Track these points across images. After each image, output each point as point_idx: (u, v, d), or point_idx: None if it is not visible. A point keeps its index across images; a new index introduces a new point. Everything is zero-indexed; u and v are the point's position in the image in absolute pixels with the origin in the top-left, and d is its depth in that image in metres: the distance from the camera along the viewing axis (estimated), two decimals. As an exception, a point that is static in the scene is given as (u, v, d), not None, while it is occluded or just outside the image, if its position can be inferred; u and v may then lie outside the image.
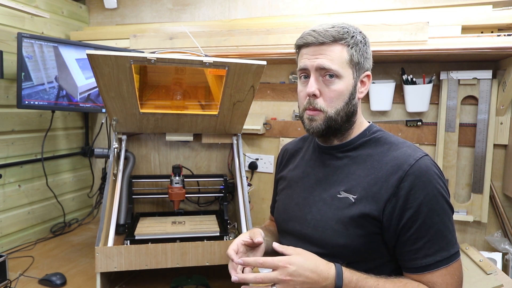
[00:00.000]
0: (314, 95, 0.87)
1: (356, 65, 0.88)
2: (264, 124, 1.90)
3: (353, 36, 0.88)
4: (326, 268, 0.80)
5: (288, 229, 0.99)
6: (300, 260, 0.79)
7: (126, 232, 1.46)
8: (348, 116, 0.90)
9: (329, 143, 0.95)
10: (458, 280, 0.82)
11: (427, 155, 0.85)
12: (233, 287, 1.35)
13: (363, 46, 0.90)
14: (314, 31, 0.87)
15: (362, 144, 0.92)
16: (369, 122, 0.97)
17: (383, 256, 0.86)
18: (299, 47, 0.92)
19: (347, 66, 0.87)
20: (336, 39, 0.86)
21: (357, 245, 0.84)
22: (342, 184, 0.89)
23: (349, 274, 0.80)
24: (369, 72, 0.92)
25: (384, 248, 0.85)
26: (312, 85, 0.87)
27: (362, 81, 0.91)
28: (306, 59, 0.88)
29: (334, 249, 0.87)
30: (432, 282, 0.81)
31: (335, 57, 0.86)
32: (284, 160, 1.13)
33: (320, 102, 0.88)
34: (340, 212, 0.86)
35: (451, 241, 0.82)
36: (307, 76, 0.89)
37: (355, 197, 0.86)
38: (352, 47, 0.87)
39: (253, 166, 1.96)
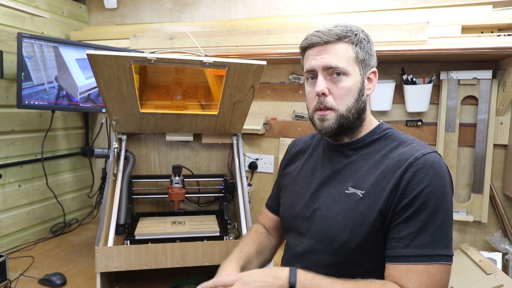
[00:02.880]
0: (323, 94, 0.88)
1: (362, 62, 0.90)
2: (264, 124, 1.90)
3: (356, 34, 0.89)
4: (279, 269, 0.83)
5: (294, 226, 0.99)
6: (252, 271, 0.85)
7: (126, 232, 1.46)
8: (358, 113, 0.91)
9: (339, 141, 0.96)
10: (437, 285, 0.77)
11: (436, 152, 0.85)
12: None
13: (367, 43, 0.91)
14: (318, 31, 0.89)
15: (372, 142, 0.92)
16: (379, 121, 0.97)
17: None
18: (304, 49, 0.93)
19: (354, 63, 0.89)
20: (340, 37, 0.88)
21: (362, 241, 0.84)
22: (350, 180, 0.90)
23: (303, 272, 0.81)
24: (375, 69, 0.94)
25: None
26: (320, 84, 0.88)
27: (368, 78, 0.93)
28: (312, 60, 0.90)
29: (339, 246, 0.87)
30: (406, 277, 0.77)
31: (341, 54, 0.87)
32: (291, 154, 1.13)
33: (330, 100, 0.89)
34: (348, 207, 0.87)
35: (440, 241, 0.78)
36: (315, 77, 0.91)
37: (363, 192, 0.86)
38: (357, 44, 0.89)
39: (253, 166, 1.96)
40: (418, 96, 1.65)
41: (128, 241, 1.31)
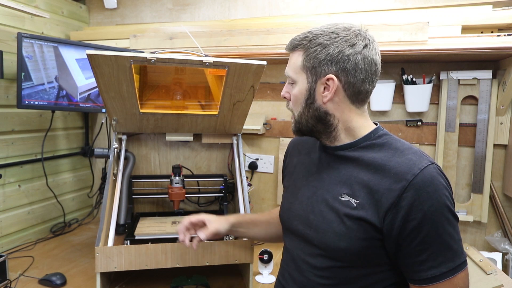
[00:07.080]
0: (285, 97, 0.96)
1: (310, 70, 0.88)
2: (264, 124, 1.90)
3: (311, 40, 0.87)
4: None
5: (291, 228, 0.99)
6: None
7: (126, 232, 1.46)
8: (316, 120, 0.90)
9: (330, 143, 0.95)
10: None
11: (433, 163, 0.83)
12: (233, 287, 1.35)
13: (323, 48, 0.85)
14: (293, 38, 0.94)
15: (365, 146, 0.91)
16: (376, 124, 0.96)
17: (384, 261, 0.86)
18: None
19: (300, 71, 0.90)
20: (294, 47, 0.91)
21: (358, 249, 0.84)
22: (345, 186, 0.89)
23: None
24: (331, 75, 0.86)
25: (385, 253, 0.85)
26: (283, 89, 0.96)
27: (326, 84, 0.87)
28: None
29: (335, 252, 0.86)
30: None
31: (292, 63, 0.92)
32: (290, 154, 1.13)
33: (290, 104, 0.96)
34: (342, 215, 0.86)
35: (457, 251, 0.80)
36: None
37: (357, 202, 0.85)
38: (306, 51, 0.89)
39: (253, 166, 1.96)
40: (418, 96, 1.65)
41: (128, 241, 1.31)
